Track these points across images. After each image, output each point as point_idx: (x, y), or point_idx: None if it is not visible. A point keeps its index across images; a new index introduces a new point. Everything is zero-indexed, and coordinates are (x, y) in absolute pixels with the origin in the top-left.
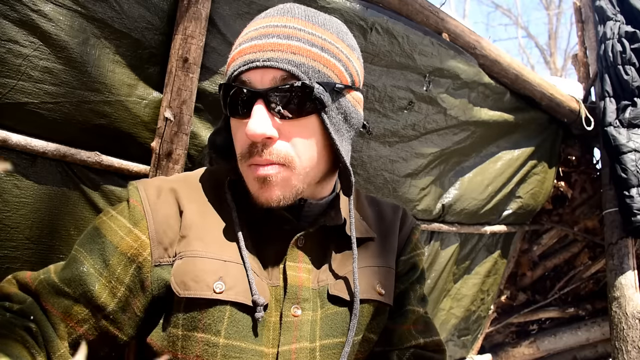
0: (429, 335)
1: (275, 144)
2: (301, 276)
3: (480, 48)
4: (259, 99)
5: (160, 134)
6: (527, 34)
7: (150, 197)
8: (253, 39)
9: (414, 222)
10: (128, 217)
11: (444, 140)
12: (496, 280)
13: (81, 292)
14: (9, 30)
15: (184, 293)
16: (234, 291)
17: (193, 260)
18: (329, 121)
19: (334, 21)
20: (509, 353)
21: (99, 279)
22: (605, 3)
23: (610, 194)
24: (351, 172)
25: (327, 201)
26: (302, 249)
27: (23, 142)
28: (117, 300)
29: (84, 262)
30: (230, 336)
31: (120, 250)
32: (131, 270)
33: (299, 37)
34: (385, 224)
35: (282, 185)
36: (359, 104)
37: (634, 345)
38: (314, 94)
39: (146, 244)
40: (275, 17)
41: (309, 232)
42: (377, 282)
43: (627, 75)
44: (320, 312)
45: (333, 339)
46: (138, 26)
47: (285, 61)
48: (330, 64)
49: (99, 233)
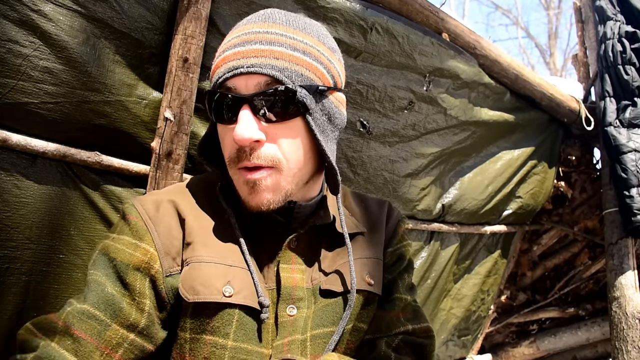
0: (417, 322)
1: (262, 147)
2: (295, 277)
3: (480, 48)
4: (244, 105)
5: (160, 134)
6: (527, 34)
7: (149, 211)
8: (236, 45)
9: (399, 214)
10: (131, 234)
11: (444, 140)
12: (496, 280)
13: (112, 313)
14: (9, 30)
15: (193, 298)
16: (242, 295)
17: (199, 266)
18: (314, 122)
19: (314, 24)
20: (509, 353)
21: (124, 298)
22: (606, 3)
23: (610, 194)
24: (337, 171)
25: (316, 201)
26: (295, 250)
27: (23, 142)
28: (146, 315)
29: (105, 284)
30: (238, 339)
31: (133, 266)
32: (147, 284)
33: (280, 42)
34: (372, 218)
35: (271, 189)
36: (342, 104)
37: (634, 345)
38: (298, 97)
39: (155, 256)
40: (257, 24)
41: (300, 234)
42: (366, 273)
43: (627, 75)
44: (314, 307)
45: (323, 328)
46: (138, 26)
47: (269, 66)
48: (312, 67)
49: (108, 257)
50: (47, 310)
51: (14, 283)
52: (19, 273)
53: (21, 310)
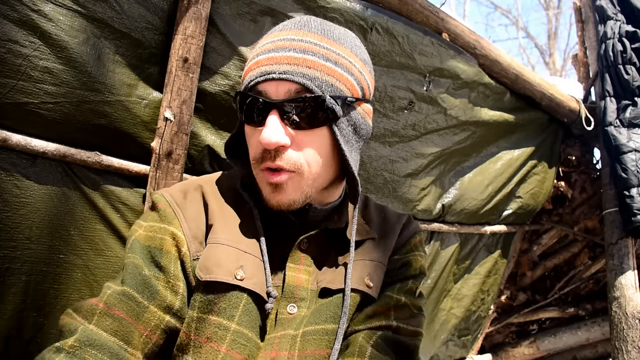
0: (406, 323)
1: (287, 152)
2: (300, 277)
3: (480, 48)
4: (273, 109)
5: (160, 134)
6: (527, 34)
7: (176, 199)
8: (270, 51)
9: (418, 228)
10: (160, 220)
11: (444, 140)
12: (496, 280)
13: (149, 295)
14: (9, 30)
15: (205, 277)
16: (252, 281)
17: (216, 247)
18: (340, 132)
19: (349, 35)
20: (509, 353)
21: (159, 282)
22: (606, 2)
23: (610, 194)
24: (358, 181)
25: (332, 206)
26: (305, 251)
27: (23, 142)
28: (180, 297)
29: (142, 267)
30: (242, 323)
31: (166, 250)
32: (179, 267)
33: (314, 51)
34: (387, 227)
35: (293, 190)
36: (368, 115)
37: (634, 345)
38: (326, 107)
39: (182, 240)
40: (293, 31)
41: (311, 235)
42: (366, 275)
43: (628, 75)
44: (313, 307)
45: (315, 325)
46: (138, 26)
47: (300, 75)
48: (343, 78)
49: (140, 245)
50: (47, 310)
51: (14, 283)
52: (19, 273)
53: (21, 310)
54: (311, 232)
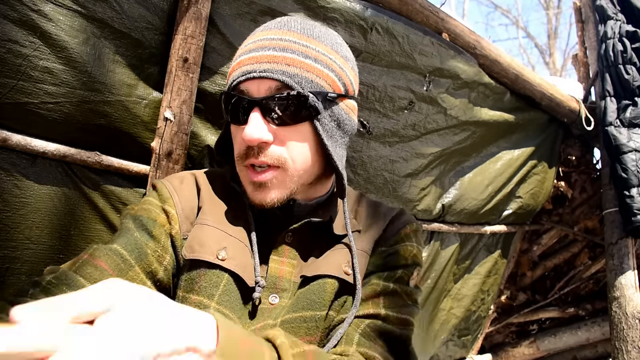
0: (396, 311)
1: (270, 148)
2: (283, 269)
3: (480, 48)
4: (255, 107)
5: (160, 134)
6: (527, 34)
7: (174, 183)
8: (251, 51)
9: (410, 219)
10: (157, 198)
11: (444, 140)
12: (496, 280)
13: (137, 256)
14: (9, 30)
15: (189, 255)
16: (234, 262)
17: (202, 227)
18: (322, 127)
19: (330, 33)
20: (509, 353)
21: (148, 248)
22: (606, 2)
23: (610, 194)
24: (343, 176)
25: (317, 202)
26: (290, 244)
27: (23, 142)
28: (163, 269)
29: (135, 230)
30: (222, 303)
31: (159, 223)
32: (169, 242)
33: (293, 49)
34: (376, 218)
35: (277, 188)
36: (352, 112)
37: (634, 345)
38: (307, 103)
39: (175, 218)
40: (273, 30)
41: (295, 229)
42: (345, 263)
43: (628, 75)
44: (293, 298)
45: (293, 313)
46: (138, 26)
47: (280, 72)
48: (323, 74)
49: (136, 216)
50: None
51: (14, 283)
52: (19, 273)
53: None
54: (294, 225)
